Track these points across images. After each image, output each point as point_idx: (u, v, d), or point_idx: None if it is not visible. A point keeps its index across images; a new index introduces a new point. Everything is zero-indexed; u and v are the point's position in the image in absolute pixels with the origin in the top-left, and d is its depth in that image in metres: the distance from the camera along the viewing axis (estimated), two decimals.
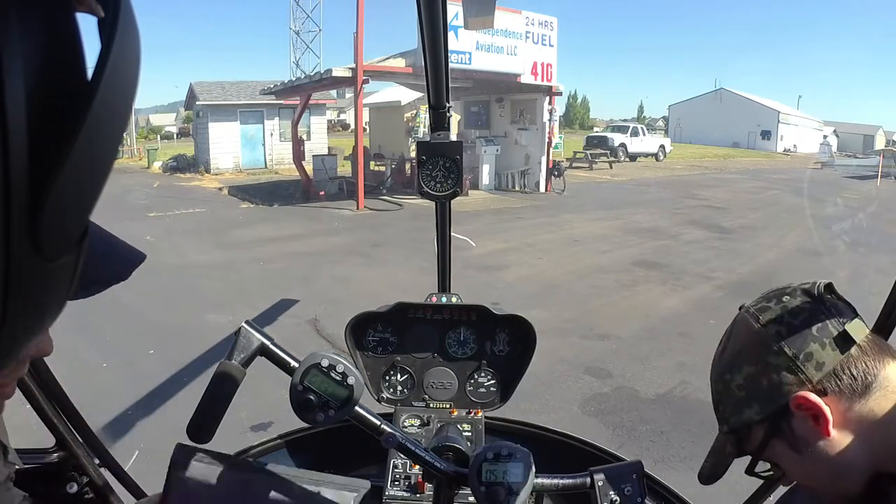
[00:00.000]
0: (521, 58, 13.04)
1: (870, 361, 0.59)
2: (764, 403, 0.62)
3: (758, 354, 0.63)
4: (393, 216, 11.35)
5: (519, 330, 1.30)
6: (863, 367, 0.59)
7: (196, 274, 7.00)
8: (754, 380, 0.63)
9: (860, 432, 0.59)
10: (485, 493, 0.76)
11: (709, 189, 16.30)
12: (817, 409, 0.58)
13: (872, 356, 0.60)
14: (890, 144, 42.68)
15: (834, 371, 0.59)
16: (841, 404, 0.59)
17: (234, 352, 0.79)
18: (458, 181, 1.32)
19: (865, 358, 0.59)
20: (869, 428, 0.58)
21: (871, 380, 0.59)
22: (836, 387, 0.59)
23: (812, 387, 0.59)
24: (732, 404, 0.66)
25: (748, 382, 0.63)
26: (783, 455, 0.64)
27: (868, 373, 0.59)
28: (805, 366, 0.60)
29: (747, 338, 0.65)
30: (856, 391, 0.59)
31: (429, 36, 1.05)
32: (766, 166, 27.39)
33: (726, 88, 46.91)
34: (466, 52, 11.93)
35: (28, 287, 0.24)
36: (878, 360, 0.60)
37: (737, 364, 0.65)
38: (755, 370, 0.63)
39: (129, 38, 0.24)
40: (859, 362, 0.59)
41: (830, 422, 0.58)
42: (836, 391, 0.59)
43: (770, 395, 0.61)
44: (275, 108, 19.50)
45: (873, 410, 0.58)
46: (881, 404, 0.58)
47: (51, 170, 0.22)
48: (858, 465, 0.59)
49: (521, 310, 1.35)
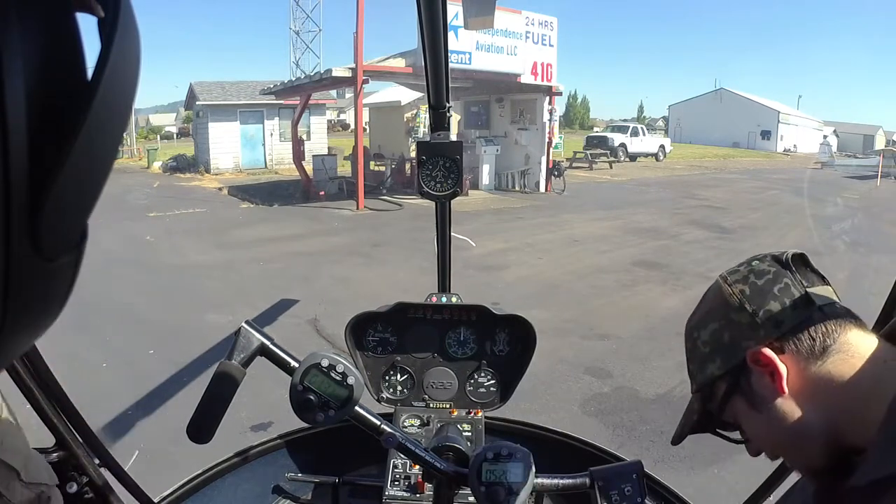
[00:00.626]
0: (521, 58, 13.04)
1: (830, 325, 0.59)
2: (725, 358, 0.64)
3: (722, 312, 0.65)
4: (393, 216, 11.35)
5: (519, 330, 1.30)
6: (822, 330, 0.59)
7: (196, 274, 7.00)
8: (717, 335, 0.65)
9: (816, 395, 0.59)
10: (485, 493, 0.76)
11: (709, 189, 16.31)
12: (772, 365, 0.59)
13: (834, 320, 0.60)
14: (890, 144, 42.70)
15: (792, 330, 0.60)
16: (798, 364, 0.59)
17: (234, 352, 0.79)
18: (458, 181, 1.32)
19: (826, 320, 0.60)
20: (825, 391, 0.58)
21: (830, 343, 0.59)
22: (794, 346, 0.59)
23: (769, 343, 0.60)
24: (698, 361, 0.68)
25: (712, 338, 0.66)
26: (744, 414, 0.64)
27: (827, 335, 0.59)
28: (764, 322, 0.61)
29: (715, 297, 0.67)
30: (813, 352, 0.59)
31: (429, 36, 1.05)
32: (766, 166, 27.39)
33: (726, 88, 46.93)
34: (466, 52, 11.93)
35: (28, 287, 0.24)
36: (840, 325, 0.60)
37: (704, 322, 0.68)
38: (719, 326, 0.65)
39: (129, 38, 0.24)
40: (819, 325, 0.59)
41: (784, 378, 0.59)
42: (794, 350, 0.59)
43: (730, 350, 0.63)
44: (275, 108, 19.50)
45: (830, 373, 0.58)
46: (839, 368, 0.58)
47: (51, 170, 0.22)
48: (814, 428, 0.59)
49: (521, 310, 1.35)
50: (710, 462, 2.97)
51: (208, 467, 1.15)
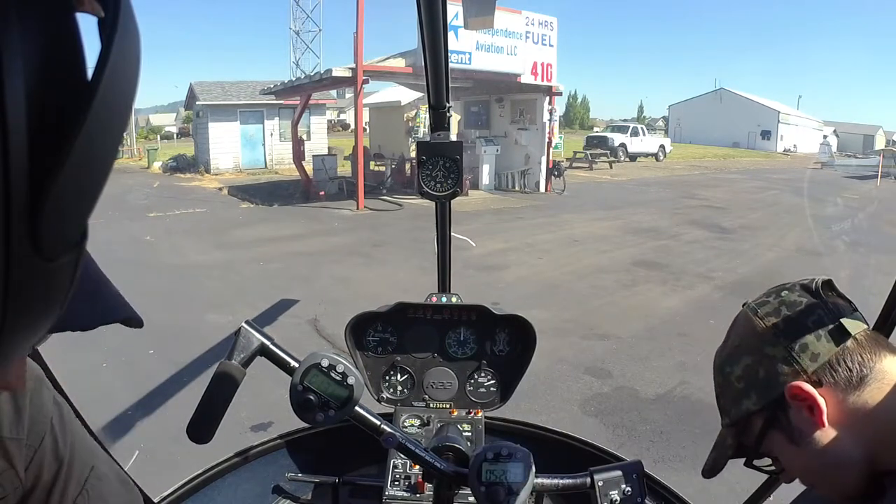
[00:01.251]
0: (521, 58, 13.03)
1: (865, 354, 0.60)
2: (761, 394, 0.63)
3: (755, 346, 0.64)
4: (393, 216, 11.35)
5: (519, 330, 1.30)
6: (858, 360, 0.59)
7: (196, 274, 7.00)
8: (752, 371, 0.64)
9: (854, 424, 0.59)
10: (485, 493, 0.76)
11: (709, 189, 16.31)
12: (811, 399, 0.59)
13: (868, 349, 0.60)
14: (890, 144, 42.70)
15: (829, 362, 0.59)
16: (836, 396, 0.59)
17: (234, 352, 0.79)
18: (458, 181, 1.32)
19: (861, 350, 0.60)
20: (863, 420, 0.58)
21: (867, 372, 0.59)
22: (832, 378, 0.59)
23: (807, 377, 0.60)
24: (732, 396, 0.67)
25: (746, 374, 0.65)
26: (781, 447, 0.64)
27: (864, 365, 0.59)
28: (800, 356, 0.60)
29: (746, 331, 0.66)
30: (851, 383, 0.59)
31: (429, 36, 1.05)
32: (766, 166, 27.39)
33: (726, 88, 46.92)
34: (466, 52, 11.93)
35: (28, 287, 0.24)
36: (874, 353, 0.60)
37: (736, 356, 0.66)
38: (752, 361, 0.64)
39: (129, 38, 0.24)
40: (855, 354, 0.59)
41: (825, 412, 0.59)
42: (832, 382, 0.59)
43: (767, 386, 0.62)
44: (275, 108, 19.50)
45: (867, 403, 0.58)
46: (875, 396, 0.58)
47: (51, 170, 0.22)
48: (852, 458, 0.59)
49: (521, 310, 1.35)
50: None
51: (208, 467, 1.15)
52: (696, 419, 3.48)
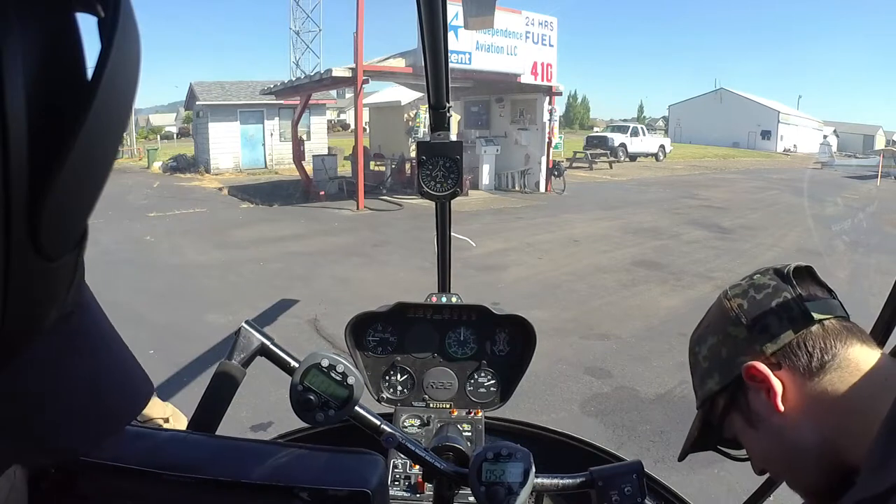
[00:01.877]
0: (521, 58, 13.03)
1: (830, 340, 0.58)
2: (722, 374, 0.63)
3: (720, 326, 0.64)
4: (393, 216, 11.35)
5: (519, 330, 1.30)
6: (820, 345, 0.58)
7: (196, 274, 7.00)
8: (716, 350, 0.64)
9: (812, 412, 0.57)
10: (485, 493, 0.76)
11: (709, 189, 16.31)
12: (767, 381, 0.58)
13: (834, 336, 0.58)
14: (890, 144, 42.73)
15: (788, 345, 0.59)
16: (795, 380, 0.58)
17: (234, 352, 0.79)
18: (458, 181, 1.32)
19: (826, 336, 0.58)
20: (822, 408, 0.57)
21: (828, 359, 0.57)
22: (791, 362, 0.58)
23: (765, 359, 0.59)
24: (699, 376, 0.67)
25: (711, 353, 0.65)
26: (742, 431, 0.64)
27: (826, 351, 0.57)
28: (760, 337, 0.60)
29: (715, 311, 0.67)
30: (810, 368, 0.58)
31: (429, 36, 1.05)
32: (766, 166, 27.39)
33: (726, 88, 46.94)
34: (466, 52, 11.92)
35: (28, 287, 0.24)
36: (841, 340, 0.58)
37: (704, 336, 0.67)
38: (717, 341, 0.64)
39: (129, 38, 0.24)
40: (818, 340, 0.58)
41: (779, 395, 0.58)
42: (790, 366, 0.58)
43: (728, 365, 0.62)
44: (275, 108, 19.50)
45: (827, 390, 0.57)
46: (836, 385, 0.56)
47: (51, 170, 0.22)
48: (810, 447, 0.58)
49: (521, 310, 1.35)
50: (710, 462, 2.97)
51: None
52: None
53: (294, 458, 0.57)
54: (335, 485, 0.53)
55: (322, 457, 0.58)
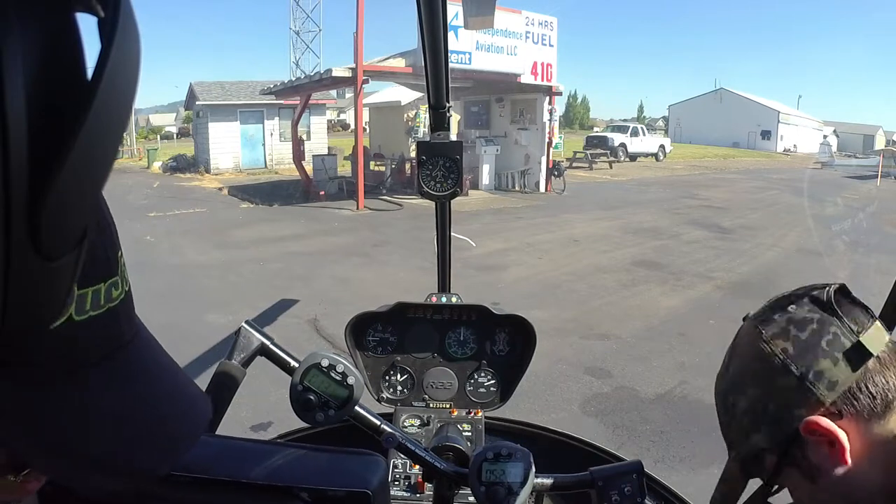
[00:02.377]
0: (521, 58, 13.03)
1: (890, 375, 0.52)
2: (772, 430, 0.55)
3: (763, 375, 0.56)
4: (393, 216, 11.34)
5: (519, 330, 1.30)
6: (882, 383, 0.52)
7: (196, 274, 7.00)
8: (760, 403, 0.56)
9: (879, 456, 0.52)
10: (485, 493, 0.76)
11: (709, 189, 16.30)
12: (832, 435, 0.52)
13: (893, 367, 0.53)
14: (890, 144, 42.69)
15: (849, 390, 0.52)
16: (859, 427, 0.52)
17: (234, 352, 0.79)
18: (458, 181, 1.32)
19: (884, 371, 0.52)
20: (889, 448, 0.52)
21: (893, 397, 0.52)
22: (853, 407, 0.52)
23: (825, 409, 0.52)
24: (738, 429, 0.59)
25: (754, 406, 0.57)
26: (797, 484, 0.58)
27: (889, 389, 0.52)
28: (815, 386, 0.53)
29: (750, 355, 0.58)
30: (875, 411, 0.52)
31: (429, 36, 1.05)
32: (766, 166, 27.39)
33: (726, 88, 46.91)
34: (466, 52, 11.92)
35: (28, 287, 0.24)
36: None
37: (740, 385, 0.59)
38: (760, 392, 0.56)
39: (129, 38, 0.24)
40: (878, 377, 0.52)
41: (847, 448, 0.52)
42: (853, 412, 0.52)
43: (778, 421, 0.55)
44: (275, 108, 19.49)
45: (894, 432, 0.51)
46: None
47: (51, 170, 0.22)
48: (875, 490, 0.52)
49: (521, 310, 1.35)
50: (710, 462, 2.96)
51: None
52: (696, 419, 3.48)
53: (294, 459, 0.57)
54: (336, 485, 0.53)
55: (322, 457, 0.58)
